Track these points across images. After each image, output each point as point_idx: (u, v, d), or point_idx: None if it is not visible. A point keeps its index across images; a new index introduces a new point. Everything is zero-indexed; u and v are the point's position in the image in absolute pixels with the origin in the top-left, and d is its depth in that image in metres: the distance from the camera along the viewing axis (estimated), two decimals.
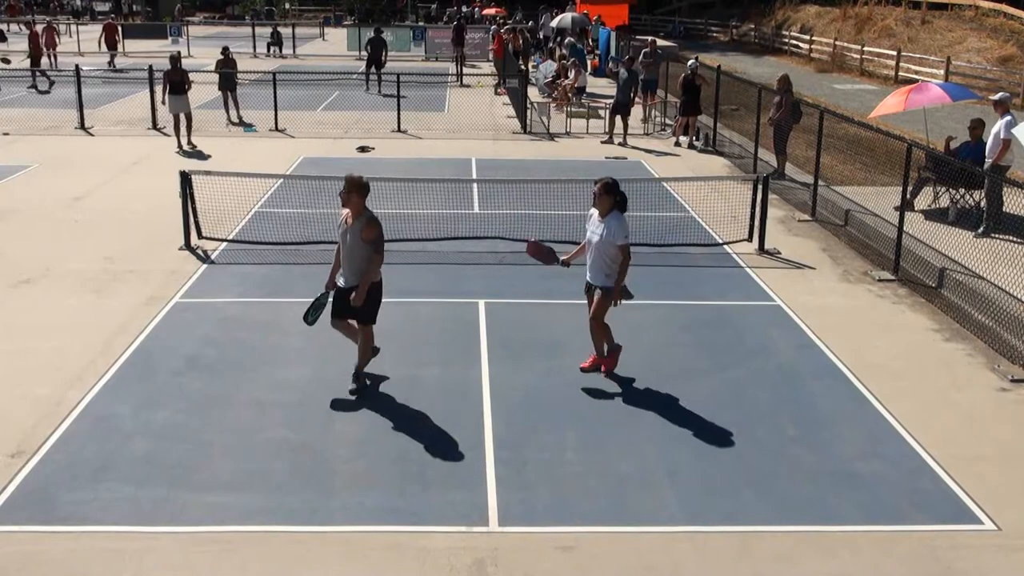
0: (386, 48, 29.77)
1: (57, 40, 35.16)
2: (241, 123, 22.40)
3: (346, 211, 8.27)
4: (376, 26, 35.63)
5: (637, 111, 22.25)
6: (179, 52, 23.16)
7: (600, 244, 8.57)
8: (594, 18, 38.04)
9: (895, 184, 13.09)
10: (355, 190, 8.16)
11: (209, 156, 18.90)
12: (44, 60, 31.35)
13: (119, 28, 37.84)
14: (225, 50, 23.35)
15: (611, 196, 8.54)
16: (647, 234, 13.15)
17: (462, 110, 24.93)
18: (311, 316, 8.55)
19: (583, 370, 8.97)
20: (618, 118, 20.81)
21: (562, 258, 9.09)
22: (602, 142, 20.83)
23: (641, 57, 22.72)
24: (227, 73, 22.67)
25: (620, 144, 20.54)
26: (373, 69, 29.14)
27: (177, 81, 19.43)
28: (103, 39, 35.43)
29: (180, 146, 19.55)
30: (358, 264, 8.21)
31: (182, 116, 19.52)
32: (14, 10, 56.53)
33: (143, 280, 11.32)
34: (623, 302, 8.81)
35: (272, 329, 9.91)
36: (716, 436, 7.82)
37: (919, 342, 9.97)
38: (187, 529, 6.43)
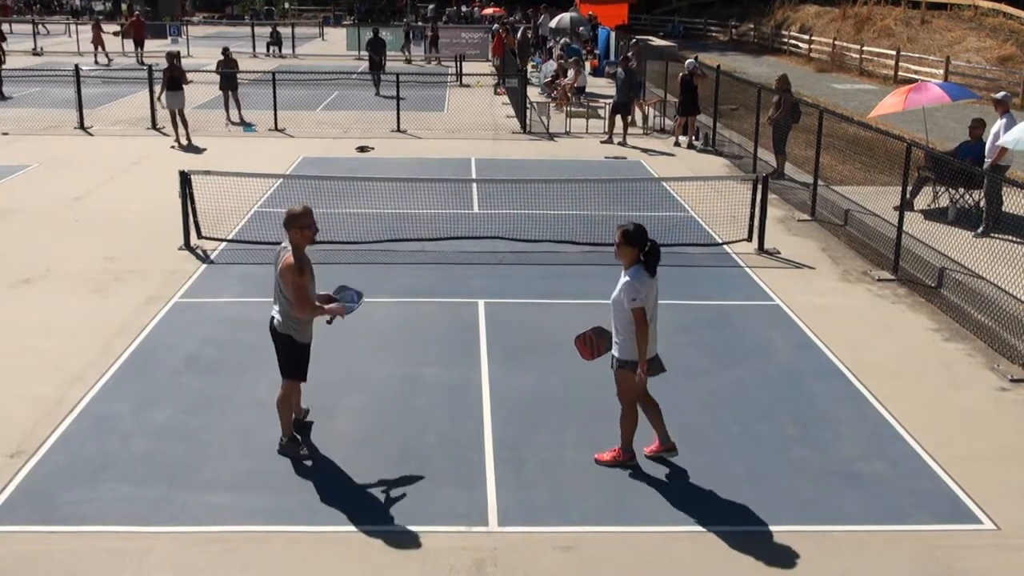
0: (385, 49, 29.82)
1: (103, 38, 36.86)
2: (242, 123, 22.43)
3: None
4: (374, 27, 35.66)
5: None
6: (178, 51, 23.54)
7: (612, 304, 7.05)
8: (587, 15, 38.04)
9: (894, 184, 13.10)
10: None
11: (204, 150, 19.17)
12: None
13: (145, 24, 39.13)
14: (226, 51, 23.58)
15: (632, 247, 6.89)
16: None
17: (461, 110, 24.93)
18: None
19: (649, 455, 7.38)
20: (618, 118, 20.83)
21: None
22: (602, 142, 20.83)
23: (621, 60, 22.75)
24: (228, 73, 22.87)
25: (620, 144, 20.55)
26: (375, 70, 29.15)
27: (176, 77, 20.01)
28: (132, 36, 36.80)
29: (178, 140, 19.97)
30: None
31: (176, 111, 20.00)
32: (9, 10, 56.46)
33: (143, 280, 11.32)
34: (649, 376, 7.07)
35: None
36: (716, 436, 7.82)
37: (919, 342, 9.97)
38: (187, 529, 6.43)
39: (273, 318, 7.36)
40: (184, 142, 19.87)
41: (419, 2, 65.25)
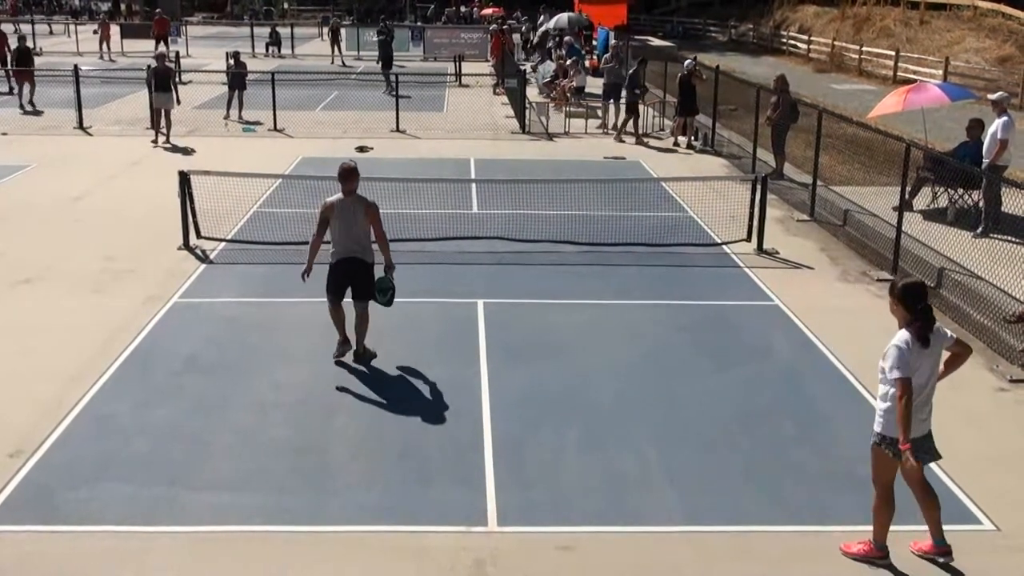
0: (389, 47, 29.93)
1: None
2: (244, 122, 22.49)
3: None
4: (378, 28, 35.63)
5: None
6: (164, 52, 24.28)
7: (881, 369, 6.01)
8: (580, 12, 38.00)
9: (893, 184, 13.10)
10: None
11: (194, 151, 19.24)
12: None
13: (167, 23, 40.32)
14: (236, 54, 24.47)
15: (899, 305, 5.92)
16: (646, 234, 13.18)
17: (461, 110, 24.93)
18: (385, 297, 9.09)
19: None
20: (611, 109, 21.03)
21: None
22: (615, 139, 20.98)
23: (601, 62, 22.91)
24: (239, 74, 23.34)
25: (617, 140, 20.66)
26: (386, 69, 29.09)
27: (163, 77, 20.43)
28: (154, 35, 37.69)
29: (156, 141, 20.09)
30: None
31: (162, 111, 20.34)
32: (15, 10, 56.51)
33: (142, 280, 11.32)
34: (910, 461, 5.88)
35: (271, 329, 9.92)
36: (715, 436, 7.82)
37: None
38: (187, 529, 6.43)
39: (355, 258, 8.85)
40: (164, 144, 20.02)
41: (418, 2, 65.20)
